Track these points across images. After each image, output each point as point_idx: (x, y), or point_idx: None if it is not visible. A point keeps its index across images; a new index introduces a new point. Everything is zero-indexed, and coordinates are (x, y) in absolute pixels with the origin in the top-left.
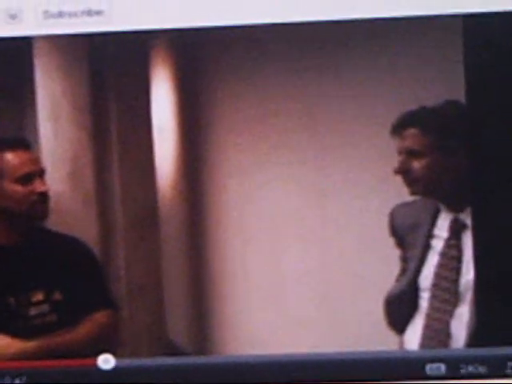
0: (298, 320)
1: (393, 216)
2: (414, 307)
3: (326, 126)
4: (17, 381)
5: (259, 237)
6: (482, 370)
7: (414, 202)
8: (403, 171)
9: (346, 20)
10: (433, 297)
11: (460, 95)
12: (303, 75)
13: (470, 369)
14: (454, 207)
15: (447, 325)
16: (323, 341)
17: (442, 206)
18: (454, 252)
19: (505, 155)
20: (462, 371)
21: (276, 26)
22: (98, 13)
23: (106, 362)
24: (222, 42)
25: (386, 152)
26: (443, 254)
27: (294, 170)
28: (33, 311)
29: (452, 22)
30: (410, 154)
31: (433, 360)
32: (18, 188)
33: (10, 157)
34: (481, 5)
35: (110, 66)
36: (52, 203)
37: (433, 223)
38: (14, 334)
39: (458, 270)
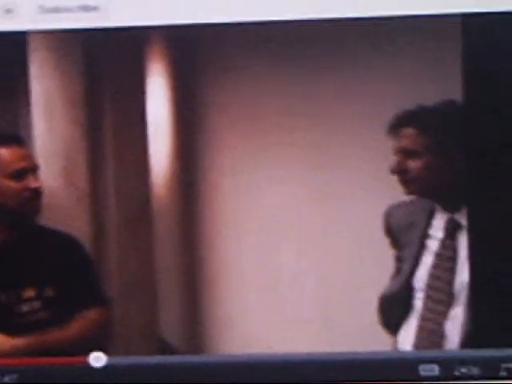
0: (292, 319)
1: (388, 216)
2: (408, 308)
3: (322, 125)
4: (7, 378)
5: (254, 235)
6: (475, 371)
7: (409, 201)
8: (399, 171)
9: (343, 18)
10: (427, 297)
11: (457, 95)
12: (299, 74)
13: (464, 370)
14: (450, 207)
15: (441, 326)
16: (317, 341)
17: (437, 206)
18: (449, 252)
19: (501, 155)
20: (456, 373)
21: (271, 24)
22: (94, 8)
23: (98, 359)
24: (219, 38)
25: (382, 151)
26: (438, 255)
27: (289, 169)
28: (24, 308)
29: (450, 21)
30: (406, 153)
31: (426, 361)
32: (11, 184)
33: (2, 152)
34: (479, 4)
35: (105, 62)
36: (45, 199)
37: (428, 223)
38: (5, 330)
39: (452, 271)
